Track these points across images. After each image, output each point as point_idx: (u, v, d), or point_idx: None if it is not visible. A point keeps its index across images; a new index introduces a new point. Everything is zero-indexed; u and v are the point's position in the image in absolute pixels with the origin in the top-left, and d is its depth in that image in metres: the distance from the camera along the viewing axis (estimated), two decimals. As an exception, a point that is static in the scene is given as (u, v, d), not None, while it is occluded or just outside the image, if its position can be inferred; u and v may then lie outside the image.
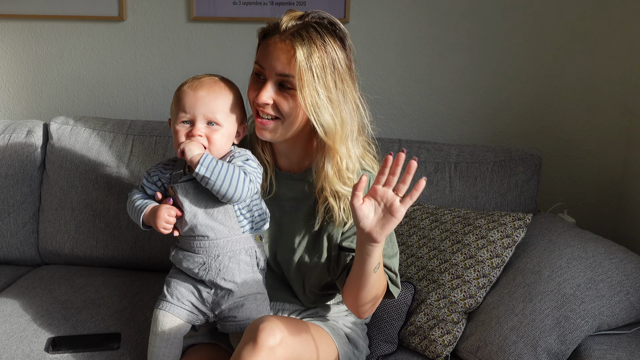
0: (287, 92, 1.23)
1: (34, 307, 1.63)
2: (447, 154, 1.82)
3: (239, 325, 1.30)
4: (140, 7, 2.11)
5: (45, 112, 2.26)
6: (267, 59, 1.23)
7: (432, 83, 2.07)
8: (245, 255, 1.31)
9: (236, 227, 1.30)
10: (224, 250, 1.30)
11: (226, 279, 1.30)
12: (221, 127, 1.28)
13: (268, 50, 1.23)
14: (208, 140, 1.27)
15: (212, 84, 1.29)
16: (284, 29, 1.21)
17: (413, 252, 1.62)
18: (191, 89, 1.28)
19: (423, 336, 1.50)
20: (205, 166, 1.21)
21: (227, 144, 1.31)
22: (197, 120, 1.27)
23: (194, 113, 1.27)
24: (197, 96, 1.27)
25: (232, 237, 1.30)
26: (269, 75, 1.24)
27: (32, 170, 1.92)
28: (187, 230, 1.31)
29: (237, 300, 1.30)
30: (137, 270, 1.89)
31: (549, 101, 2.04)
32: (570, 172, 2.08)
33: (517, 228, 1.57)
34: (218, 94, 1.28)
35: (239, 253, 1.31)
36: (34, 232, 1.93)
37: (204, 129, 1.27)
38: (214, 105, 1.27)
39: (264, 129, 1.27)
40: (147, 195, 1.38)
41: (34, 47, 2.20)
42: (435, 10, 2.01)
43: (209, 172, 1.21)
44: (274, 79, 1.23)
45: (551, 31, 1.98)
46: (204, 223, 1.28)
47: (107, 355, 1.47)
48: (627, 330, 1.46)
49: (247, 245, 1.32)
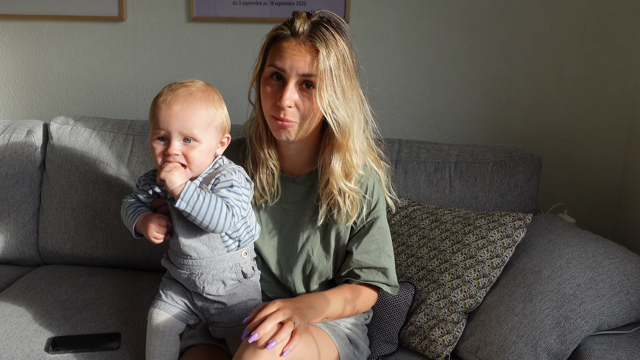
0: (306, 92, 1.24)
1: (34, 307, 1.63)
2: (447, 154, 1.82)
3: (228, 330, 1.30)
4: (140, 7, 2.11)
5: (45, 112, 2.26)
6: (288, 60, 1.22)
7: (432, 83, 2.07)
8: (229, 272, 1.30)
9: (220, 247, 1.28)
10: (207, 270, 1.28)
11: (210, 294, 1.29)
12: (199, 143, 1.22)
13: (286, 52, 1.23)
14: (186, 158, 1.22)
15: (186, 97, 1.22)
16: (300, 31, 1.23)
17: (413, 252, 1.62)
18: (164, 103, 1.21)
19: (423, 336, 1.50)
20: (186, 201, 1.17)
21: (207, 158, 1.26)
22: (172, 137, 1.20)
23: (169, 130, 1.20)
24: (170, 112, 1.20)
25: (215, 257, 1.28)
26: (289, 77, 1.23)
27: (32, 170, 1.92)
28: (173, 244, 1.30)
29: (226, 307, 1.31)
30: (137, 270, 1.89)
31: (549, 101, 2.04)
32: (570, 172, 2.08)
33: (517, 228, 1.57)
34: (194, 109, 1.21)
35: (222, 271, 1.29)
36: (34, 232, 1.93)
37: (180, 147, 1.21)
38: (190, 122, 1.20)
39: (284, 129, 1.26)
40: (140, 202, 1.35)
41: (34, 47, 2.20)
42: (435, 10, 2.01)
43: (189, 208, 1.17)
44: (296, 80, 1.23)
45: (551, 31, 1.98)
46: (186, 244, 1.26)
47: (107, 355, 1.46)
48: (627, 330, 1.46)
49: (232, 263, 1.30)
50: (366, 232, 1.37)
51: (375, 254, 1.36)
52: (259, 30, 2.08)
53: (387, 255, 1.38)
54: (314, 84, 1.23)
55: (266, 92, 1.26)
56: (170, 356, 1.32)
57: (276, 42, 1.26)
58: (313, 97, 1.23)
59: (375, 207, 1.37)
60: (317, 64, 1.21)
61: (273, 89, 1.25)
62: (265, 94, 1.26)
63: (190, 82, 1.26)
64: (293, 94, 1.23)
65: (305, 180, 1.37)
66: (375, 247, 1.37)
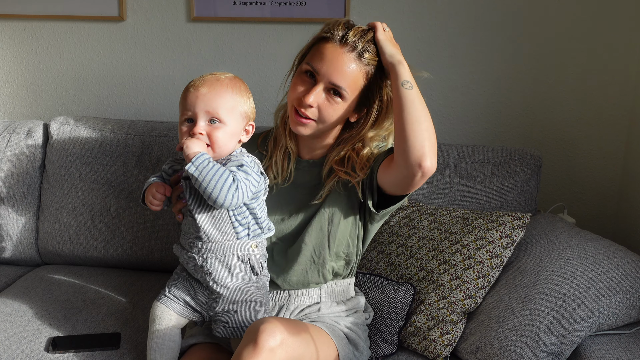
0: (332, 98, 1.30)
1: (34, 307, 1.64)
2: (447, 154, 1.82)
3: (230, 330, 1.30)
4: (140, 7, 2.11)
5: (45, 112, 2.26)
6: (324, 64, 1.28)
7: (432, 83, 2.07)
8: (237, 261, 1.31)
9: (230, 232, 1.30)
10: (215, 254, 1.30)
11: (217, 282, 1.30)
12: (224, 125, 1.28)
13: (325, 56, 1.28)
14: (209, 138, 1.27)
15: (214, 82, 1.29)
16: (348, 41, 1.28)
17: (412, 253, 1.62)
18: (193, 87, 1.28)
19: (423, 337, 1.50)
20: (196, 165, 1.21)
21: (231, 142, 1.30)
22: (198, 117, 1.27)
23: (195, 110, 1.27)
24: (198, 93, 1.27)
25: (225, 242, 1.30)
26: (320, 80, 1.29)
27: (32, 170, 1.92)
28: (184, 225, 1.33)
29: (229, 305, 1.31)
30: (137, 270, 1.89)
31: (549, 101, 2.04)
32: (570, 172, 2.08)
33: (515, 228, 1.57)
34: (220, 91, 1.28)
35: (231, 258, 1.30)
36: (34, 232, 1.93)
37: (205, 127, 1.27)
38: (216, 102, 1.27)
39: (300, 125, 1.33)
40: (162, 180, 1.41)
41: (34, 47, 2.20)
42: (435, 10, 2.01)
43: (197, 172, 1.21)
44: (325, 85, 1.29)
45: (551, 31, 1.98)
46: (198, 225, 1.29)
47: (107, 355, 1.47)
48: (627, 330, 1.46)
49: (241, 252, 1.31)
50: None
51: None
52: (259, 30, 2.08)
53: None
54: (343, 96, 1.30)
55: (295, 85, 1.33)
56: (167, 350, 1.33)
57: (321, 42, 1.30)
58: (337, 105, 1.30)
59: None
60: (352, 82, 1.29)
61: (303, 84, 1.31)
62: (294, 85, 1.33)
63: (220, 73, 1.33)
64: (319, 97, 1.29)
65: (322, 162, 1.43)
66: None
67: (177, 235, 1.84)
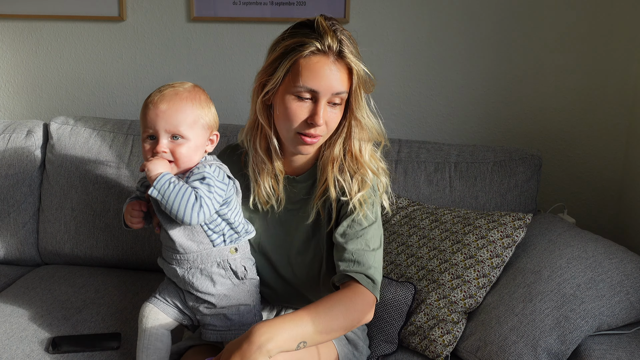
0: (333, 108, 1.25)
1: (34, 307, 1.63)
2: (447, 154, 1.82)
3: (220, 334, 1.30)
4: (140, 7, 2.11)
5: (45, 112, 2.26)
6: (323, 80, 1.20)
7: (432, 83, 2.07)
8: (218, 268, 1.31)
9: (206, 241, 1.30)
10: (194, 264, 1.30)
11: (200, 291, 1.30)
12: (187, 140, 1.25)
13: (320, 72, 1.20)
14: (173, 155, 1.25)
15: (172, 96, 1.25)
16: (334, 48, 1.20)
17: (413, 252, 1.62)
18: (152, 103, 1.25)
19: (423, 336, 1.50)
20: (158, 189, 1.20)
21: (195, 155, 1.28)
22: (160, 135, 1.24)
23: (156, 128, 1.24)
24: (157, 111, 1.24)
25: (202, 251, 1.29)
26: (322, 97, 1.21)
27: (32, 170, 1.92)
28: (162, 238, 1.33)
29: (217, 310, 1.31)
30: (137, 270, 1.89)
31: (549, 101, 2.04)
32: (570, 172, 2.08)
33: (517, 228, 1.57)
34: (179, 106, 1.25)
35: (210, 266, 1.30)
36: (34, 232, 1.93)
37: (167, 145, 1.25)
38: (176, 119, 1.24)
39: (309, 146, 1.26)
40: (137, 198, 1.39)
41: (34, 47, 2.20)
42: (435, 10, 2.01)
43: (160, 195, 1.20)
44: (328, 99, 1.22)
45: (551, 31, 1.98)
46: (172, 239, 1.29)
47: (107, 355, 1.47)
48: (627, 330, 1.46)
49: (220, 259, 1.31)
50: None
51: None
52: (259, 30, 2.08)
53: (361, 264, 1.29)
54: (341, 101, 1.24)
55: (292, 111, 1.23)
56: (155, 350, 1.33)
57: (304, 59, 1.20)
58: (338, 111, 1.25)
59: None
60: (351, 82, 1.23)
61: (303, 108, 1.23)
62: (290, 112, 1.23)
63: (178, 84, 1.30)
64: (326, 113, 1.23)
65: (307, 178, 1.37)
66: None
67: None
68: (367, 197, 1.29)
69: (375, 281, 1.24)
